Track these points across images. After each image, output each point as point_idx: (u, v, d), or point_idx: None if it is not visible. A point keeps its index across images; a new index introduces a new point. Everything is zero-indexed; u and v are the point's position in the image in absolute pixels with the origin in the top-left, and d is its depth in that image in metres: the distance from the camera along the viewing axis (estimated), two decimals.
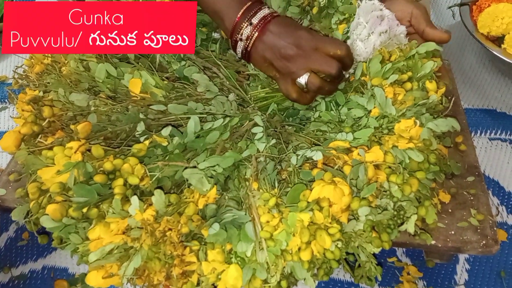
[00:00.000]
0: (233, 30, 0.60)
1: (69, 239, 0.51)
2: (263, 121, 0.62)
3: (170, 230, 0.48)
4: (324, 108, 0.66)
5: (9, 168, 0.72)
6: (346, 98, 0.65)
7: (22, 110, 0.59)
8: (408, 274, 0.78)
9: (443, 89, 0.63)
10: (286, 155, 0.59)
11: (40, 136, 0.57)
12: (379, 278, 0.58)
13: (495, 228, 0.62)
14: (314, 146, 0.60)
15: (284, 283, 0.54)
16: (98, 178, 0.51)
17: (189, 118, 0.61)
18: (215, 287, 0.54)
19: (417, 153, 0.54)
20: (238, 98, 0.70)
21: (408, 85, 0.62)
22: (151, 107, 0.63)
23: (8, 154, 0.59)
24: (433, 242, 0.61)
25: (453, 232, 0.62)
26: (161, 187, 0.55)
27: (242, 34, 0.60)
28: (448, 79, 0.66)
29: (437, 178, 0.61)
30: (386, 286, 0.77)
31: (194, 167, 0.54)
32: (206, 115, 0.63)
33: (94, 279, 0.50)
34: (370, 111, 0.62)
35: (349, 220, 0.53)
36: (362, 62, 0.65)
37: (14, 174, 0.69)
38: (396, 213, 0.55)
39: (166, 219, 0.48)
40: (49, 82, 0.63)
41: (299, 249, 0.51)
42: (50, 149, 0.54)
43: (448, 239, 0.62)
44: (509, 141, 0.95)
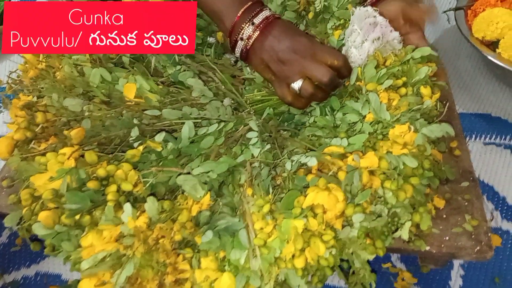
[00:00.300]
0: (232, 29, 0.61)
1: (61, 247, 0.50)
2: (258, 125, 0.62)
3: (163, 237, 0.48)
4: (318, 113, 0.66)
5: (2, 173, 0.71)
6: (341, 103, 0.65)
7: (16, 116, 0.59)
8: (402, 280, 0.78)
9: (438, 94, 0.63)
10: (281, 161, 0.59)
11: (33, 142, 0.57)
12: (373, 285, 0.58)
13: (490, 234, 0.62)
14: (309, 151, 0.60)
15: None
16: (91, 185, 0.51)
17: (183, 123, 0.61)
18: None
19: (411, 159, 0.54)
20: (234, 102, 0.70)
21: (402, 90, 0.62)
22: (146, 112, 0.63)
23: (1, 160, 0.59)
24: (427, 248, 0.61)
25: (447, 237, 0.62)
26: (154, 194, 0.55)
27: (243, 34, 0.60)
28: (445, 78, 0.66)
29: (431, 184, 0.61)
30: None
31: (188, 173, 0.54)
32: (200, 120, 0.63)
33: (87, 287, 0.50)
34: (365, 116, 0.62)
35: (343, 226, 0.53)
36: (357, 67, 0.65)
37: (7, 180, 0.68)
38: (390, 219, 0.54)
39: (159, 227, 0.48)
40: (43, 87, 0.63)
41: (293, 256, 0.51)
42: (43, 155, 0.54)
43: (442, 245, 0.61)
44: (504, 145, 0.95)
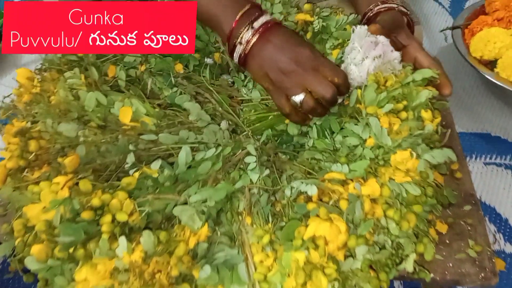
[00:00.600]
0: (231, 33, 0.60)
1: (55, 281, 0.49)
2: (256, 149, 0.61)
3: (160, 272, 0.47)
4: (316, 134, 0.65)
5: None
6: (340, 124, 0.64)
7: (9, 143, 0.57)
8: None
9: (439, 119, 0.62)
10: (280, 188, 0.58)
11: (26, 170, 0.55)
12: None
13: (493, 259, 0.61)
14: (308, 175, 0.59)
15: None
16: (86, 215, 0.49)
17: (180, 148, 0.59)
18: None
19: (414, 186, 0.53)
20: (231, 123, 0.69)
21: (403, 114, 0.61)
22: (142, 137, 0.61)
23: None
24: (431, 275, 0.59)
25: (451, 264, 0.61)
26: (150, 222, 0.53)
27: (242, 38, 0.59)
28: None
29: (434, 211, 0.60)
30: None
31: (185, 204, 0.53)
32: (198, 145, 0.62)
33: None
34: (365, 140, 0.61)
35: (345, 257, 0.51)
36: (357, 88, 0.64)
37: (0, 209, 0.66)
38: (394, 251, 0.53)
39: (155, 260, 0.46)
40: (37, 112, 0.62)
41: None
42: (37, 183, 0.53)
43: (446, 272, 0.60)
44: (504, 165, 0.94)
